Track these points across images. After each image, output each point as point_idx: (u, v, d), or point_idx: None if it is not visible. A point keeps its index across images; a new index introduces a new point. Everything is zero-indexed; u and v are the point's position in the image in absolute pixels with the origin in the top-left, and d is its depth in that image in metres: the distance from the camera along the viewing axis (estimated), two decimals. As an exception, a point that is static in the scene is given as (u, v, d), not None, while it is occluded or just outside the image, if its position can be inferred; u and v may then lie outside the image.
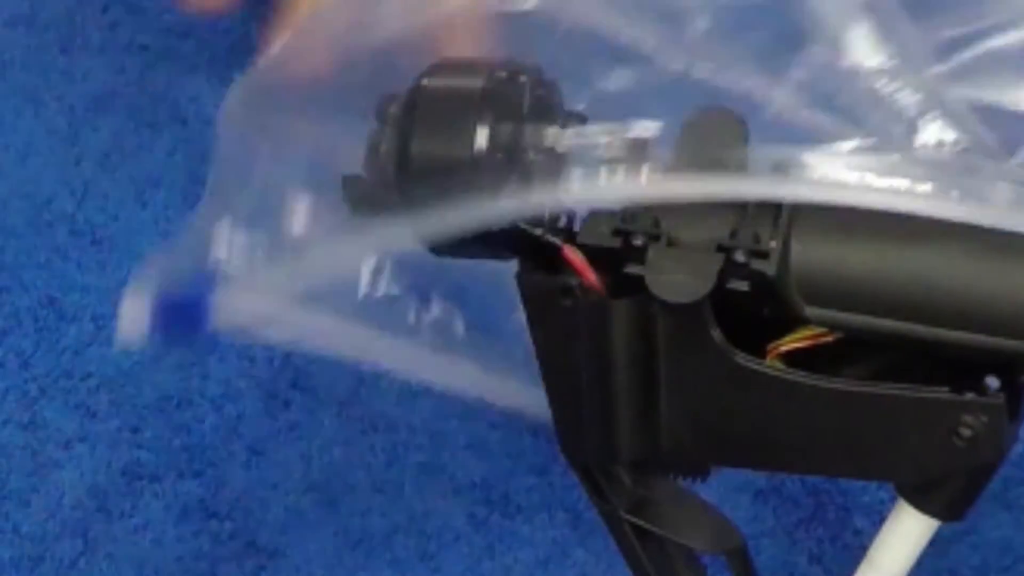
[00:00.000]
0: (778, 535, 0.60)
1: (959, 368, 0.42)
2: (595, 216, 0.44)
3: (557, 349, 0.44)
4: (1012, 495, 0.60)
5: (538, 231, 0.44)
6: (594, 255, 0.43)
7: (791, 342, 0.43)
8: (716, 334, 0.42)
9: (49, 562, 0.61)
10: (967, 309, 0.41)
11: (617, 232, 0.42)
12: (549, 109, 0.48)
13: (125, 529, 0.61)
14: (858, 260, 0.42)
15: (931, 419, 0.42)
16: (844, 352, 0.43)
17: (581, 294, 0.43)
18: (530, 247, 0.44)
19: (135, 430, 0.63)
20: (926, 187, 0.41)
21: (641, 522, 0.45)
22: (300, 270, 0.48)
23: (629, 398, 0.44)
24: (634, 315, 0.43)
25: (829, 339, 0.43)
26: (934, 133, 0.44)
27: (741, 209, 0.42)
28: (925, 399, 0.42)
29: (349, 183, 0.49)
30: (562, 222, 0.45)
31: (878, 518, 0.59)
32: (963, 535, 0.49)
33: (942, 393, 0.42)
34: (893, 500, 0.45)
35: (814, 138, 0.43)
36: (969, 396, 0.42)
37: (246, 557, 0.61)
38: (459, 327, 0.51)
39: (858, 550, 0.59)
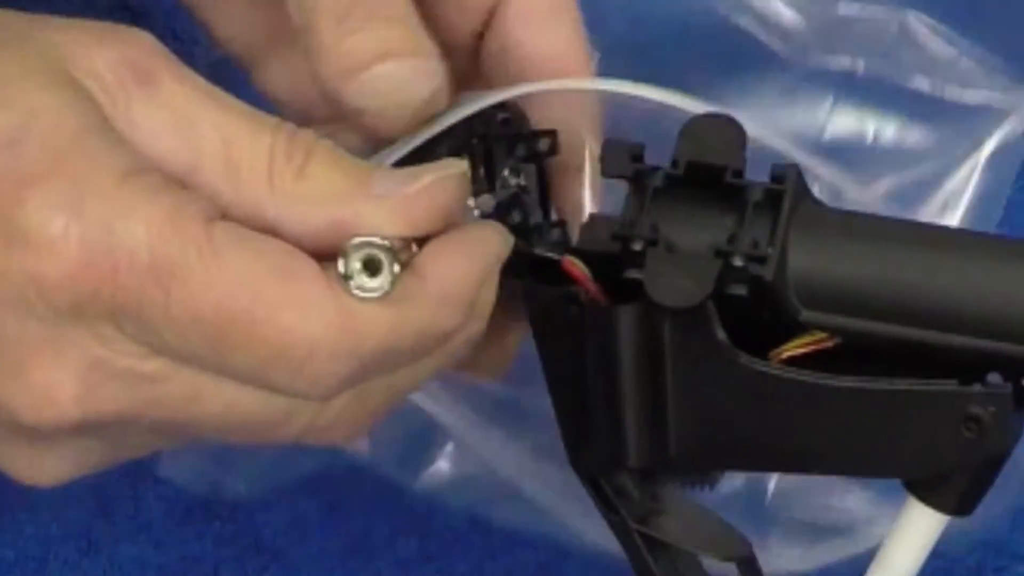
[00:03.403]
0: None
1: (959, 371, 0.42)
2: (593, 221, 0.45)
3: (563, 359, 0.44)
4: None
5: (538, 250, 0.45)
6: (593, 261, 0.44)
7: (791, 348, 0.43)
8: (721, 336, 0.42)
9: (52, 563, 0.61)
10: (965, 313, 0.42)
11: (616, 237, 0.43)
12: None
13: (128, 530, 0.61)
14: (855, 265, 0.42)
15: (939, 412, 0.42)
16: (844, 358, 0.43)
17: (587, 302, 0.43)
18: (531, 265, 0.45)
19: (138, 432, 0.63)
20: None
21: (650, 532, 0.45)
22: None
23: (637, 405, 0.44)
24: (639, 321, 0.43)
25: (829, 345, 0.43)
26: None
27: (739, 214, 0.42)
28: (932, 392, 0.42)
29: None
30: (556, 236, 0.46)
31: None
32: (959, 535, 0.49)
33: (949, 385, 0.42)
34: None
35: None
36: (976, 387, 0.42)
37: (248, 558, 0.61)
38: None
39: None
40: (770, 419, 0.43)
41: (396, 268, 0.40)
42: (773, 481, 0.56)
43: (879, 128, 0.61)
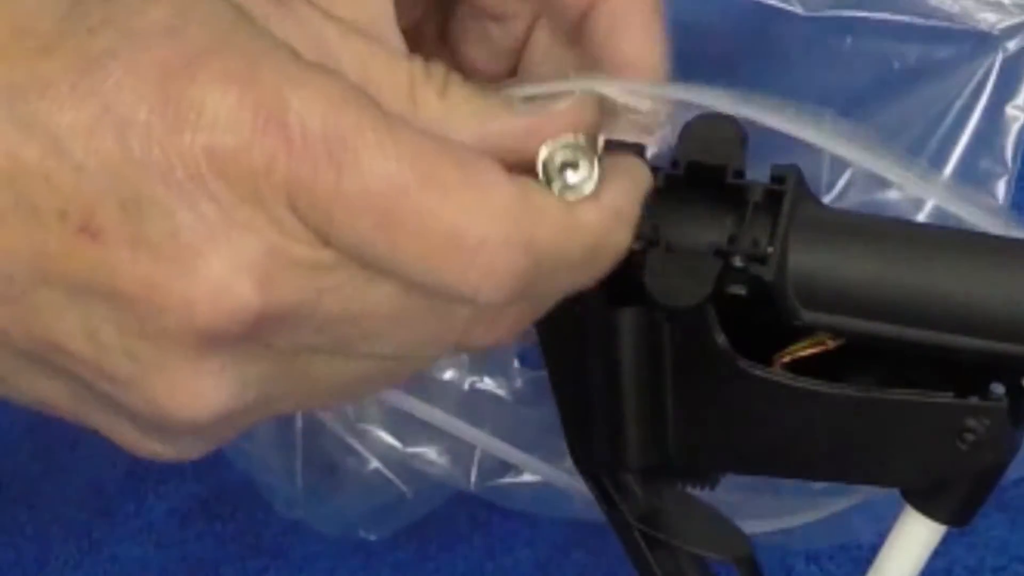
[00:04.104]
0: (775, 535, 0.61)
1: (964, 375, 0.43)
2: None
3: (566, 359, 0.44)
4: (1007, 496, 0.60)
5: None
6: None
7: (796, 351, 0.43)
8: (720, 340, 0.42)
9: (53, 563, 0.61)
10: (965, 313, 0.42)
11: (616, 237, 0.43)
12: None
13: (129, 530, 0.62)
14: (855, 265, 0.42)
15: (935, 423, 0.42)
16: (848, 361, 0.43)
17: (591, 300, 0.43)
18: None
19: (139, 432, 0.63)
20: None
21: (651, 531, 0.46)
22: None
23: (637, 406, 0.44)
24: (640, 322, 0.43)
25: (831, 348, 0.43)
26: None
27: (739, 215, 0.42)
28: (929, 403, 0.42)
29: None
30: None
31: (874, 518, 0.60)
32: (959, 536, 0.49)
33: (945, 397, 0.42)
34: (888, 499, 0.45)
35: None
36: (972, 400, 0.42)
37: (249, 558, 0.61)
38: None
39: (854, 551, 0.60)
40: (767, 424, 0.43)
41: (596, 163, 0.39)
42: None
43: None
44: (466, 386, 0.56)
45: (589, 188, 0.39)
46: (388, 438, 0.57)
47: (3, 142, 0.35)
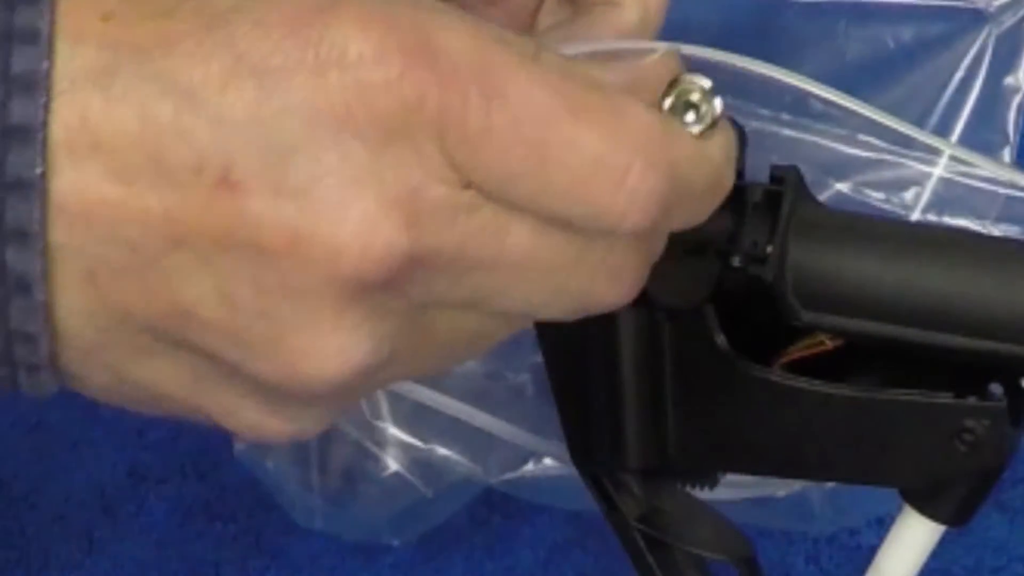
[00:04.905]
0: (775, 536, 0.61)
1: (963, 375, 0.43)
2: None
3: (566, 357, 0.45)
4: (1006, 496, 0.61)
5: None
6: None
7: (797, 351, 0.43)
8: (720, 340, 0.42)
9: (54, 563, 0.61)
10: (964, 313, 0.42)
11: (617, 237, 0.43)
12: None
13: (130, 530, 0.62)
14: (855, 265, 0.42)
15: (934, 424, 0.42)
16: (848, 361, 0.44)
17: None
18: None
19: (140, 432, 0.63)
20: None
21: (651, 531, 0.46)
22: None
23: (637, 406, 0.44)
24: (641, 323, 0.43)
25: (830, 348, 0.43)
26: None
27: (739, 215, 0.42)
28: (928, 404, 0.42)
29: None
30: None
31: (874, 518, 0.60)
32: (957, 536, 0.49)
33: (945, 398, 0.42)
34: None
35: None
36: (971, 400, 0.42)
37: (249, 558, 0.61)
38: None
39: (854, 550, 0.60)
40: (767, 424, 0.43)
41: (718, 103, 0.39)
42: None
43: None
44: (481, 375, 0.56)
45: (706, 127, 0.39)
46: (405, 436, 0.57)
47: (133, 102, 0.34)
